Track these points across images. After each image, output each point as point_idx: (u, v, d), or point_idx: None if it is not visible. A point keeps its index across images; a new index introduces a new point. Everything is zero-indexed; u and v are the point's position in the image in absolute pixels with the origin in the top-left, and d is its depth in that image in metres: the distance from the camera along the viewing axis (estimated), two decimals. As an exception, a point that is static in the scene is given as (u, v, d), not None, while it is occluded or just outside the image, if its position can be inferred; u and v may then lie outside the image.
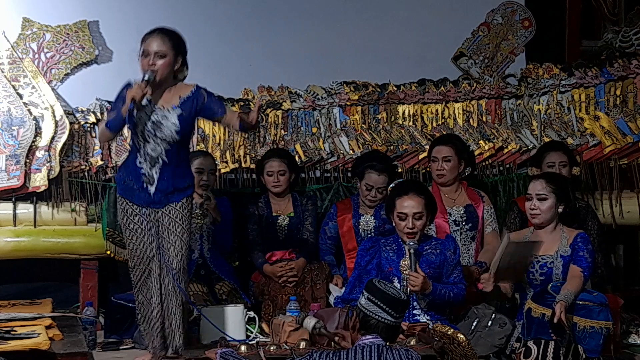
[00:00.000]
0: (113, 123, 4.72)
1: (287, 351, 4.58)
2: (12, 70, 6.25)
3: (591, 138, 6.61)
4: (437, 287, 4.99)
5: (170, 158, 4.74)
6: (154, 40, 4.72)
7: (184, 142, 4.82)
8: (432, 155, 5.93)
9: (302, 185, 6.46)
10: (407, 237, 5.04)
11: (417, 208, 5.06)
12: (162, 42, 4.72)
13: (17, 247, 6.16)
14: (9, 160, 6.13)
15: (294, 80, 6.66)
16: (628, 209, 6.57)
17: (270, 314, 5.59)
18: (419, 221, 5.06)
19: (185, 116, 4.72)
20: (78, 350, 4.93)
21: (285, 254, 5.90)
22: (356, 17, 6.87)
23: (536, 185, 5.21)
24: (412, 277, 4.93)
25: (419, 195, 5.10)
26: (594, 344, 4.85)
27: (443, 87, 6.76)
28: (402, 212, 5.07)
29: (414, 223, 5.04)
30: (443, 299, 5.02)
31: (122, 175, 4.83)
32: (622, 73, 6.71)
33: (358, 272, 5.16)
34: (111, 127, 4.73)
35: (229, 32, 6.71)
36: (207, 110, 4.77)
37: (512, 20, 7.05)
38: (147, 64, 4.71)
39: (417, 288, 4.92)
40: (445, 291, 5.02)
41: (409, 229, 5.04)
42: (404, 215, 5.06)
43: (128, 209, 4.78)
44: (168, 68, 4.73)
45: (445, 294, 5.01)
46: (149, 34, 4.77)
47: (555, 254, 5.13)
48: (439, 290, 4.99)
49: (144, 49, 4.73)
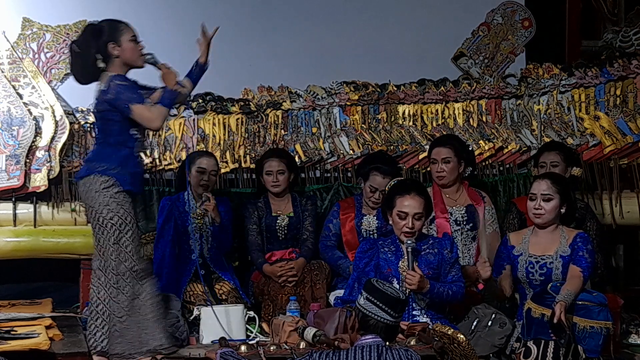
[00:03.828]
0: (171, 101, 4.82)
1: (287, 351, 4.59)
2: (12, 70, 6.25)
3: (591, 138, 6.61)
4: (435, 286, 4.98)
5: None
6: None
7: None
8: (432, 157, 5.92)
9: (302, 185, 6.47)
10: (405, 236, 5.04)
11: (417, 208, 5.06)
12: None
13: (17, 247, 6.16)
14: (9, 160, 6.13)
15: (294, 80, 6.67)
16: (628, 209, 6.57)
17: (270, 314, 5.59)
18: (418, 221, 5.06)
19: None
20: (78, 350, 4.93)
21: (285, 254, 5.90)
22: (356, 17, 6.88)
23: (541, 185, 5.20)
24: (409, 275, 4.93)
25: (420, 195, 5.10)
26: (593, 344, 4.84)
27: (443, 87, 6.76)
28: (402, 211, 5.06)
29: (414, 223, 5.04)
30: (441, 297, 5.01)
31: (122, 170, 4.82)
32: (622, 73, 6.71)
33: (357, 274, 5.16)
34: (170, 105, 4.83)
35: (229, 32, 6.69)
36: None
37: (512, 20, 7.05)
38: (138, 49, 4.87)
39: (414, 286, 4.91)
40: (444, 289, 5.01)
41: (408, 228, 5.04)
42: (405, 214, 5.06)
43: (126, 204, 4.83)
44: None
45: (444, 293, 5.00)
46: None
47: (554, 254, 5.13)
48: (436, 288, 4.98)
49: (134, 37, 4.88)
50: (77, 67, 4.90)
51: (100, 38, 4.82)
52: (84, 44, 4.85)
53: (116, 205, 4.77)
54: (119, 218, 4.77)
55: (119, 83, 4.76)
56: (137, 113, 4.73)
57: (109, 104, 4.77)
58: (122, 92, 4.74)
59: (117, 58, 4.83)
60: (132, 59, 4.86)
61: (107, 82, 4.79)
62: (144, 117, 4.73)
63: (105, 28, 4.86)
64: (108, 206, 4.76)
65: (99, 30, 4.85)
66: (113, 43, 4.82)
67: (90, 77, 4.91)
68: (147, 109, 4.74)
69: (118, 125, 4.80)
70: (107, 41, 4.82)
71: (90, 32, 4.87)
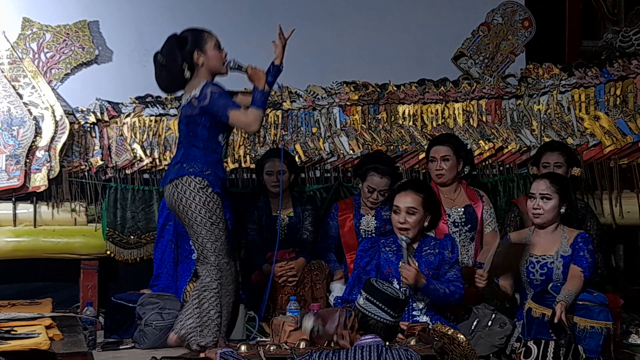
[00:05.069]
0: (263, 102, 4.90)
1: (287, 351, 4.59)
2: (12, 70, 6.25)
3: (591, 138, 6.61)
4: (431, 282, 4.98)
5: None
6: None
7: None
8: (430, 156, 5.93)
9: (302, 185, 6.47)
10: (400, 233, 5.06)
11: (410, 203, 5.07)
12: None
13: (17, 247, 6.16)
14: (9, 160, 6.13)
15: (294, 80, 6.66)
16: (628, 209, 6.57)
17: (270, 314, 5.59)
18: (411, 217, 5.07)
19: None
20: (78, 350, 4.93)
21: (285, 254, 5.90)
22: (356, 17, 6.87)
23: (540, 185, 5.21)
24: (404, 269, 4.94)
25: (416, 192, 5.12)
26: (594, 344, 4.84)
27: (443, 87, 6.76)
28: (396, 206, 5.11)
29: (406, 218, 5.06)
30: (438, 294, 5.00)
31: (214, 173, 4.91)
32: (622, 73, 6.71)
33: (357, 272, 5.16)
34: (264, 106, 4.90)
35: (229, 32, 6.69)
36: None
37: (512, 20, 7.05)
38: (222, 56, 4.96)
39: (409, 281, 4.92)
40: (440, 287, 5.00)
41: (399, 223, 5.07)
42: (398, 209, 5.09)
43: (220, 205, 4.93)
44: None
45: (440, 290, 4.99)
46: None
47: (555, 254, 5.13)
48: (433, 285, 4.98)
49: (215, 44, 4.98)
50: (163, 77, 4.97)
51: (185, 47, 4.88)
52: (169, 54, 4.91)
53: (213, 205, 4.88)
54: (217, 217, 4.89)
55: (214, 90, 4.84)
56: (234, 118, 4.84)
57: (205, 110, 4.85)
58: (218, 99, 4.83)
59: (203, 66, 4.89)
60: (217, 66, 4.95)
61: (200, 89, 4.86)
62: (242, 122, 4.85)
63: (189, 37, 4.91)
64: (207, 206, 4.86)
65: (183, 40, 4.91)
66: (198, 51, 4.86)
67: (177, 87, 5.02)
68: (244, 114, 4.85)
69: (207, 130, 4.88)
70: (192, 50, 4.87)
71: (174, 42, 4.93)
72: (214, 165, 4.93)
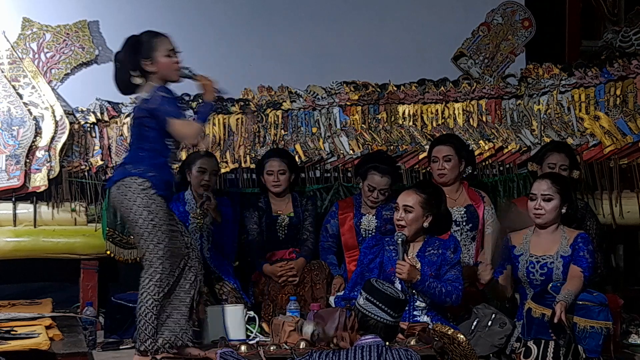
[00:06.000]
0: (207, 116, 4.89)
1: (287, 351, 4.59)
2: (12, 70, 6.25)
3: (591, 138, 6.61)
4: (427, 279, 4.99)
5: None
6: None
7: None
8: (433, 155, 5.94)
9: (302, 185, 6.46)
10: (397, 229, 5.10)
11: (408, 201, 5.10)
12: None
13: (17, 247, 6.16)
14: (9, 160, 6.13)
15: (294, 80, 6.67)
16: (628, 209, 6.57)
17: (270, 314, 5.59)
18: (408, 214, 5.09)
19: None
20: (78, 350, 4.93)
21: (285, 254, 5.90)
22: (356, 17, 6.87)
23: (541, 185, 5.20)
24: (399, 265, 4.96)
25: (418, 191, 5.13)
26: (594, 344, 4.84)
27: (443, 87, 6.76)
28: (396, 203, 5.16)
29: (402, 215, 5.09)
30: (434, 292, 4.99)
31: (158, 176, 4.83)
32: (622, 73, 6.71)
33: (360, 269, 5.18)
34: (206, 120, 4.88)
35: (229, 32, 6.71)
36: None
37: (512, 20, 7.05)
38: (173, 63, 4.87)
39: (403, 276, 4.94)
40: (436, 285, 4.99)
41: (397, 220, 5.11)
42: (397, 206, 5.14)
43: (164, 207, 4.83)
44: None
45: (437, 288, 4.98)
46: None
47: (555, 254, 5.13)
48: (428, 281, 4.98)
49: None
50: (118, 79, 4.94)
51: (136, 54, 4.85)
52: (122, 59, 4.90)
53: (155, 207, 4.78)
54: (159, 219, 4.78)
55: (162, 95, 4.80)
56: (174, 127, 4.76)
57: (149, 113, 4.80)
58: (163, 104, 4.78)
59: (153, 73, 4.86)
60: (167, 73, 4.87)
61: (151, 91, 4.83)
62: (180, 132, 4.77)
63: (140, 44, 4.85)
64: (148, 208, 4.77)
65: (134, 46, 4.86)
66: (146, 60, 4.83)
67: (129, 90, 4.99)
68: (184, 125, 4.78)
69: (154, 133, 4.82)
70: (141, 58, 4.84)
71: (128, 46, 4.89)
72: (159, 168, 4.83)
